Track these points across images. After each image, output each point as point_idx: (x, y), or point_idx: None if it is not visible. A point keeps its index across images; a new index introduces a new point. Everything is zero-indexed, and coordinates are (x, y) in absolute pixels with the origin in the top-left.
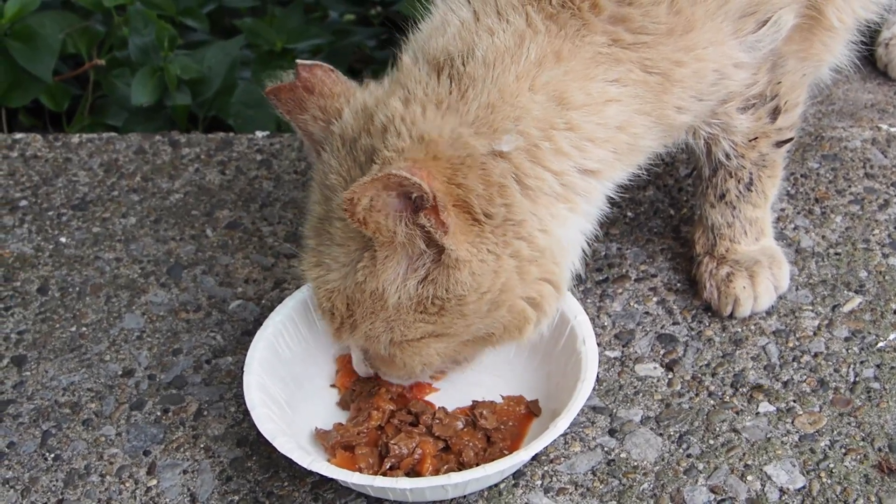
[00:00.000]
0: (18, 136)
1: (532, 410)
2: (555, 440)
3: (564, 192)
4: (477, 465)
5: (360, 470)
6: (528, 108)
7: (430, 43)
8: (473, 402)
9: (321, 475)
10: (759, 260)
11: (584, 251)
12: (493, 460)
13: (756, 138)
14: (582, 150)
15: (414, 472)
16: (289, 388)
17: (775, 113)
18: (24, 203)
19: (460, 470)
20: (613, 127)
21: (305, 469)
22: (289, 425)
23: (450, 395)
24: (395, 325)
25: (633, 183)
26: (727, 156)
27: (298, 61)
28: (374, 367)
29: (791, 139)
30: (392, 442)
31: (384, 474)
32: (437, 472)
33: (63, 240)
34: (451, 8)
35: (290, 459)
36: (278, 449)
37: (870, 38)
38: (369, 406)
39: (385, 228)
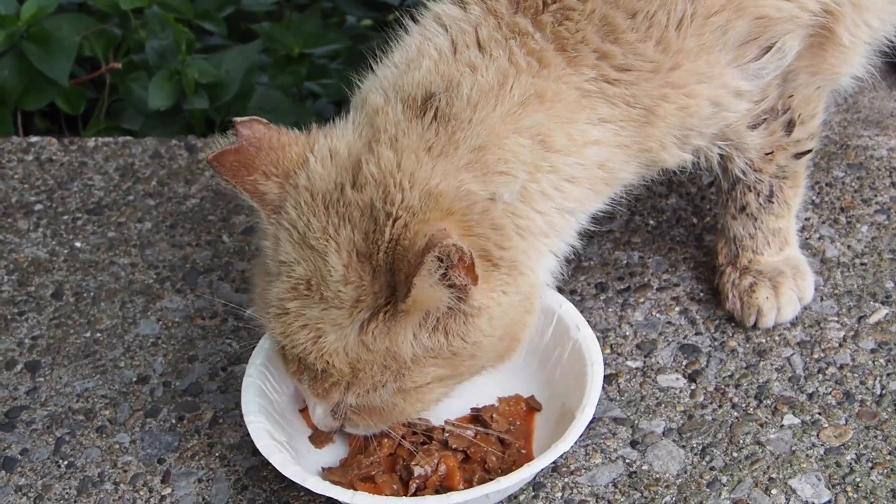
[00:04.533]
0: (34, 139)
1: (532, 406)
2: (574, 451)
3: (548, 230)
4: (500, 469)
5: None
6: (515, 151)
7: (403, 78)
8: (472, 409)
9: None
10: (782, 270)
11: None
12: (514, 462)
13: (772, 152)
14: (562, 190)
15: (443, 489)
16: (285, 431)
17: (790, 126)
18: (38, 207)
19: (487, 477)
20: (593, 166)
21: None
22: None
23: (447, 406)
24: (406, 374)
25: (652, 191)
26: (743, 172)
27: (235, 119)
28: (344, 419)
29: (811, 150)
30: (413, 463)
31: (414, 496)
32: (468, 483)
33: (78, 244)
34: (427, 36)
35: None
36: (313, 490)
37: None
38: (379, 435)
39: (425, 295)
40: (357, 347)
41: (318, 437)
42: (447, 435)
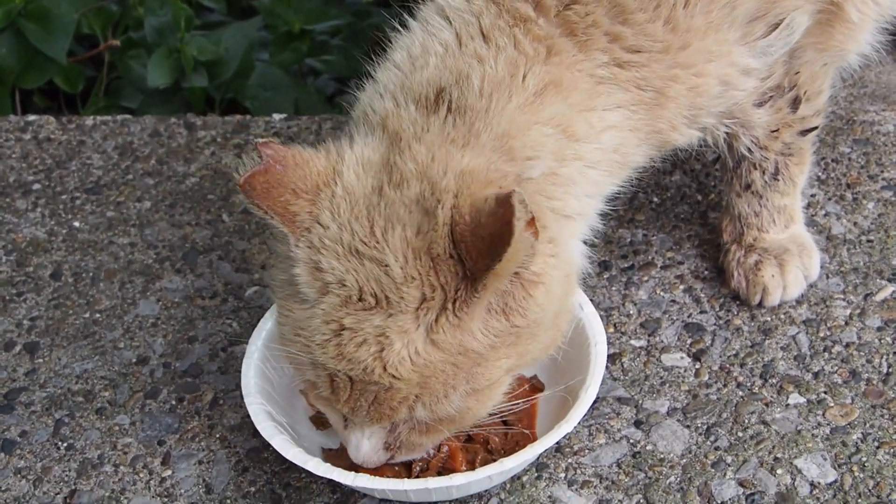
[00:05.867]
0: (31, 118)
1: (535, 386)
2: (578, 431)
3: (577, 213)
4: (503, 450)
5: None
6: (540, 141)
7: (412, 79)
8: None
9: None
10: (788, 248)
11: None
12: (517, 443)
13: (778, 129)
14: (585, 176)
15: (446, 470)
16: (286, 413)
17: (796, 103)
18: (37, 186)
19: (490, 458)
20: (609, 150)
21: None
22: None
23: None
24: (479, 371)
25: (656, 168)
26: (749, 149)
27: (257, 141)
28: (399, 447)
29: (816, 127)
30: None
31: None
32: (471, 464)
33: (77, 224)
34: (432, 32)
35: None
36: (313, 472)
37: None
38: None
39: (517, 248)
40: (426, 350)
41: (321, 419)
42: None
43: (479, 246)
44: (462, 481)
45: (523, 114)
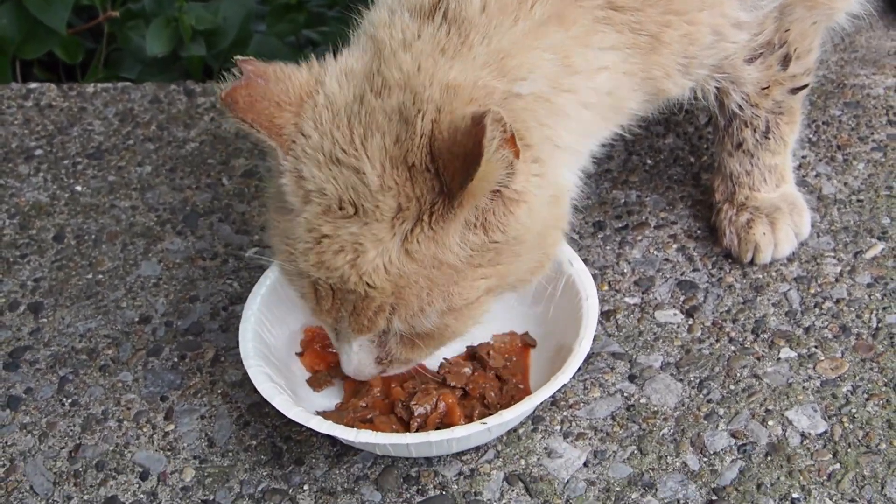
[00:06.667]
0: (33, 85)
1: (527, 342)
2: (573, 385)
3: (568, 147)
4: (499, 404)
5: None
6: (538, 64)
7: None
8: (468, 347)
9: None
10: (779, 206)
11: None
12: (512, 397)
13: (768, 87)
14: (579, 113)
15: (444, 425)
16: (283, 375)
17: (786, 60)
18: (39, 152)
19: (487, 412)
20: (603, 92)
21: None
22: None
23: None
24: (455, 290)
25: (650, 131)
26: (740, 107)
27: (237, 58)
28: (389, 359)
29: (807, 85)
30: (413, 403)
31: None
32: (469, 418)
33: (78, 188)
34: None
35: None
36: (316, 429)
37: None
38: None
39: (488, 170)
40: (400, 260)
41: (317, 380)
42: (445, 372)
43: (454, 164)
44: (463, 433)
45: (526, 38)
